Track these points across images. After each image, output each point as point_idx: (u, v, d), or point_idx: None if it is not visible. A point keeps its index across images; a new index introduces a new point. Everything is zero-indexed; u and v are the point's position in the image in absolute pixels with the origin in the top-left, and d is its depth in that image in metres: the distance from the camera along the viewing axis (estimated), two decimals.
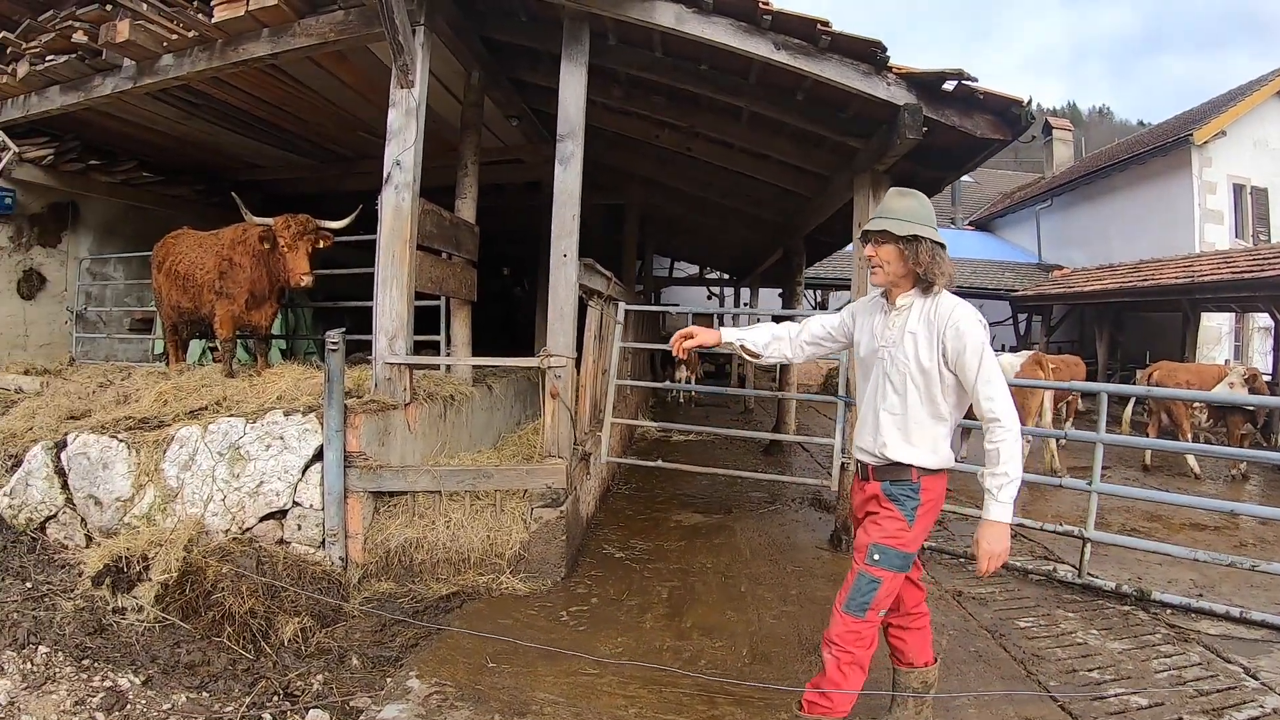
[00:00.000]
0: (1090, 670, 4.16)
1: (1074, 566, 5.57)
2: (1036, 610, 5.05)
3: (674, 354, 3.49)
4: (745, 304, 19.03)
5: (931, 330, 2.93)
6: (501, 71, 7.40)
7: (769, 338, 3.46)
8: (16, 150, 8.57)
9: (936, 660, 3.36)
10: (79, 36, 6.60)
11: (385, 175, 5.46)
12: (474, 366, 6.92)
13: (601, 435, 6.37)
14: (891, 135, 5.34)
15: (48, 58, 7.11)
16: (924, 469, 2.96)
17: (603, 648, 4.21)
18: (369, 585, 4.91)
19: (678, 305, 19.67)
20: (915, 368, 2.94)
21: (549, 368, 5.20)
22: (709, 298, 21.76)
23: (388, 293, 5.37)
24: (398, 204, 5.42)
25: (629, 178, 11.07)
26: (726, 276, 21.08)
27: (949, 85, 5.09)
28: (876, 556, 2.90)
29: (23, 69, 7.31)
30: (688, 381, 14.70)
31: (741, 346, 3.44)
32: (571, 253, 5.37)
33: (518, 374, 7.87)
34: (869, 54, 5.09)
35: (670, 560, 5.71)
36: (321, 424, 4.86)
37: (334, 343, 4.80)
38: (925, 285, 2.97)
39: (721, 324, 23.95)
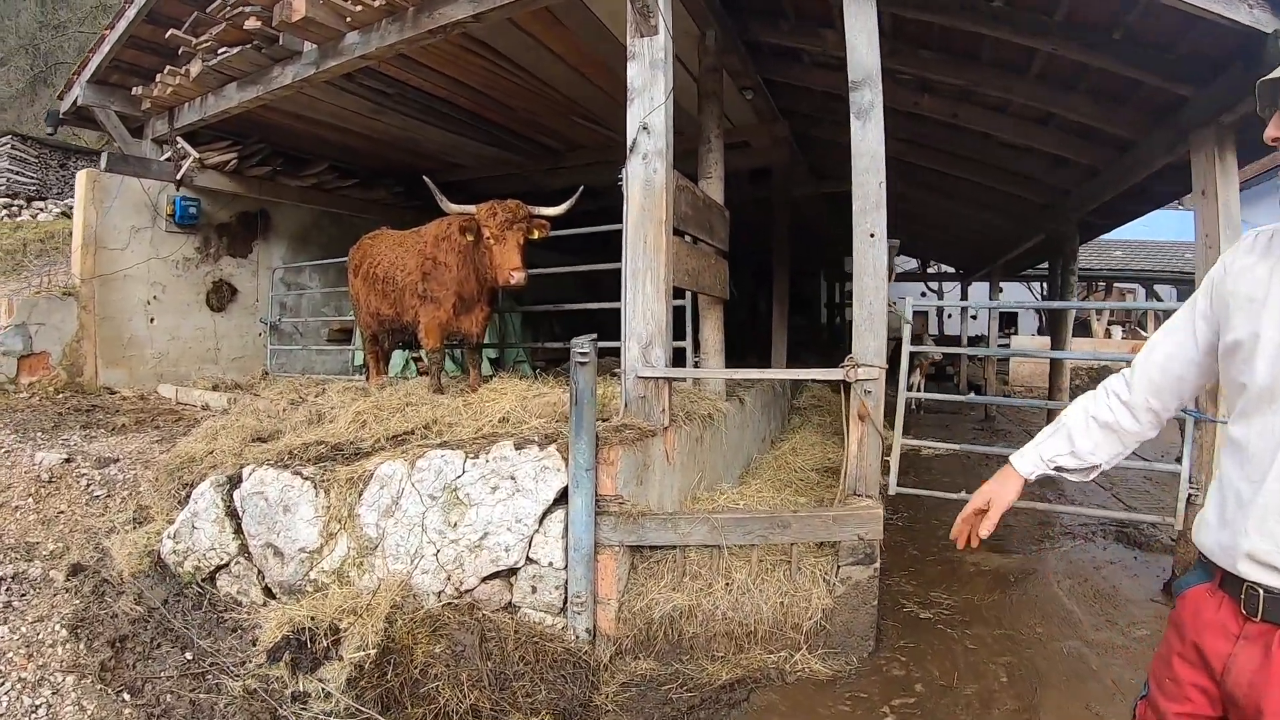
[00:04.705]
0: None
1: None
2: None
3: (959, 545, 2.17)
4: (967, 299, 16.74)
5: None
6: (735, 32, 6.35)
7: (1096, 430, 1.89)
8: (197, 156, 8.31)
9: None
10: (251, 23, 6.18)
11: (630, 143, 4.40)
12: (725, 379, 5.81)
13: (891, 461, 5.10)
14: (1251, 74, 4.04)
15: (220, 51, 6.75)
16: None
17: None
18: (623, 665, 3.83)
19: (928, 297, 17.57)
20: None
21: (857, 381, 3.92)
22: (922, 294, 19.47)
23: (640, 288, 4.25)
24: (648, 177, 4.33)
25: None
26: (950, 270, 18.82)
27: None
28: None
29: (196, 68, 7.00)
30: (917, 389, 13.04)
31: (1059, 469, 1.93)
32: (880, 231, 4.08)
33: (763, 384, 6.74)
34: None
35: (989, 621, 4.62)
36: (565, 459, 3.79)
37: (582, 353, 3.69)
38: None
39: (931, 325, 21.72)
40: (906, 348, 5.49)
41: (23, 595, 4.12)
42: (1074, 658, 4.16)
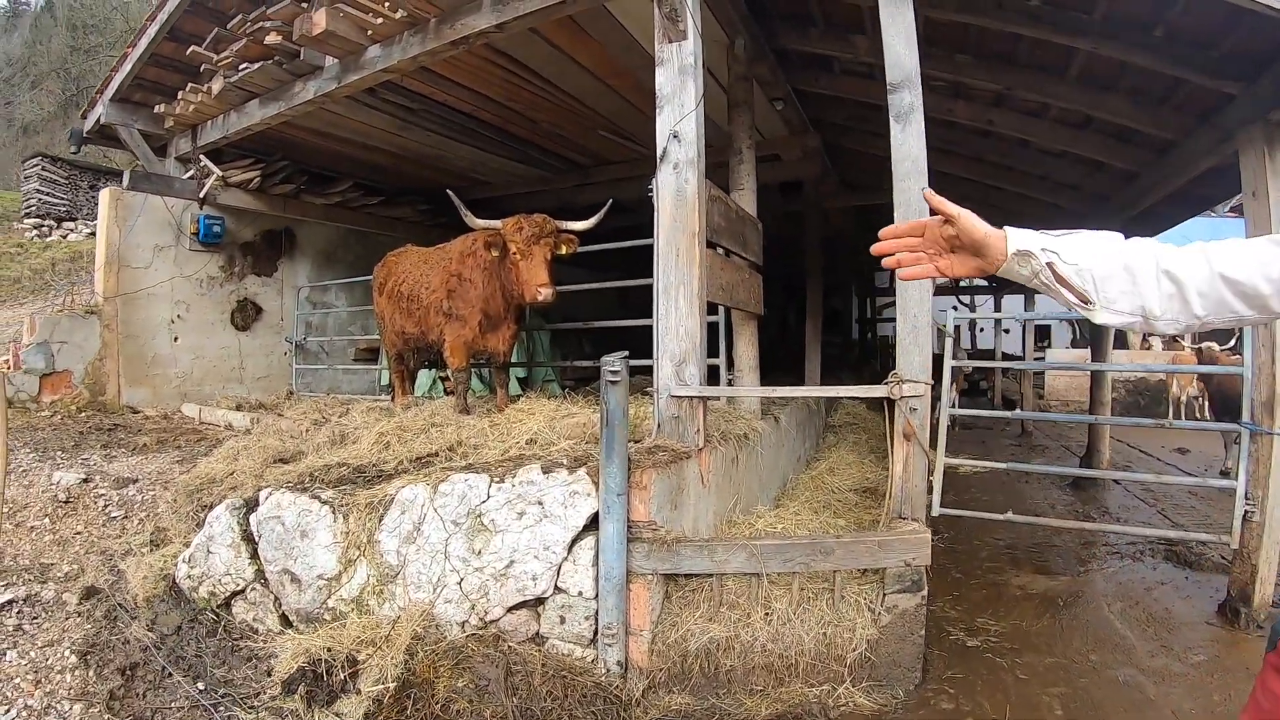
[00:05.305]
0: None
1: None
2: None
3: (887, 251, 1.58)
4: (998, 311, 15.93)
5: None
6: (764, 40, 6.17)
7: (1117, 265, 1.45)
8: (220, 174, 8.25)
9: None
10: (272, 38, 6.13)
11: (660, 152, 4.22)
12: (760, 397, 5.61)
13: (934, 481, 4.89)
14: None
15: (241, 67, 6.67)
16: None
17: None
18: (657, 700, 3.58)
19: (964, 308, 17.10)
20: None
21: (901, 398, 3.72)
22: (954, 308, 19.01)
23: (673, 303, 4.06)
24: (679, 187, 4.14)
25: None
26: (983, 283, 18.39)
27: None
28: None
29: (218, 85, 6.94)
30: (953, 404, 12.71)
31: (1052, 268, 1.47)
32: None
33: (797, 402, 6.52)
34: None
35: (1039, 649, 4.39)
36: (595, 483, 3.60)
37: (614, 372, 3.49)
38: None
39: (964, 339, 21.04)
40: (948, 362, 5.26)
41: (34, 619, 3.99)
42: (1131, 687, 3.96)
